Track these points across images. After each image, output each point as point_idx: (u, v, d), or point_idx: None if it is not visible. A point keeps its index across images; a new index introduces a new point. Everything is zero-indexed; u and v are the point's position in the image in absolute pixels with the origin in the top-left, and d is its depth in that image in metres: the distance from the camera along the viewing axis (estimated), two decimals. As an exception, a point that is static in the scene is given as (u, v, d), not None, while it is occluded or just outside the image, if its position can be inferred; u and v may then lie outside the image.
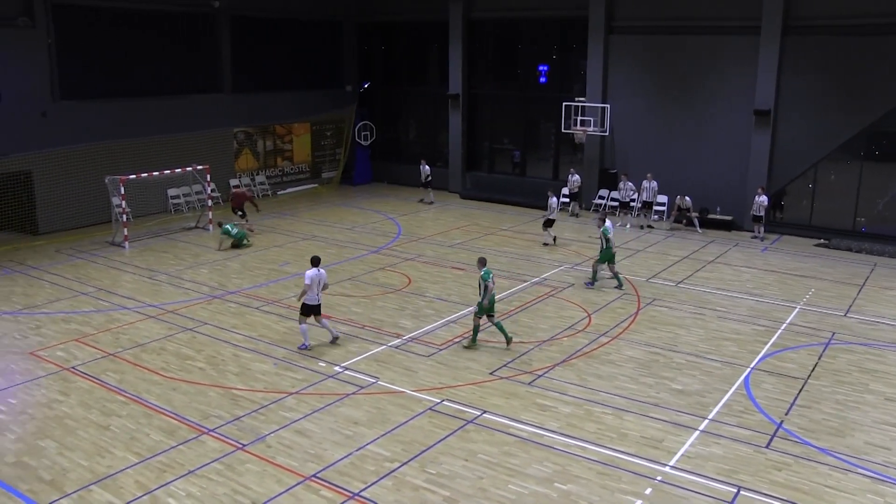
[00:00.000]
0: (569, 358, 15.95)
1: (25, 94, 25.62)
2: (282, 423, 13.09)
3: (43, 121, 26.19)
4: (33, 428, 13.05)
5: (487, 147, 35.07)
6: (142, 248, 24.74)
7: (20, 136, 25.58)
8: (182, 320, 18.15)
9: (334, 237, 26.33)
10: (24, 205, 26.21)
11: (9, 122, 25.21)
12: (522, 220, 29.21)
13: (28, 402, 14.01)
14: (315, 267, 16.22)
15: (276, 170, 35.00)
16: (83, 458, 12.05)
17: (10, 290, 20.51)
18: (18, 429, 13.03)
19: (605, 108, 29.77)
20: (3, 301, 19.64)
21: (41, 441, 12.59)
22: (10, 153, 25.40)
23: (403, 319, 18.15)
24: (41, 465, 11.88)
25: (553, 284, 20.99)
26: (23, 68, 25.58)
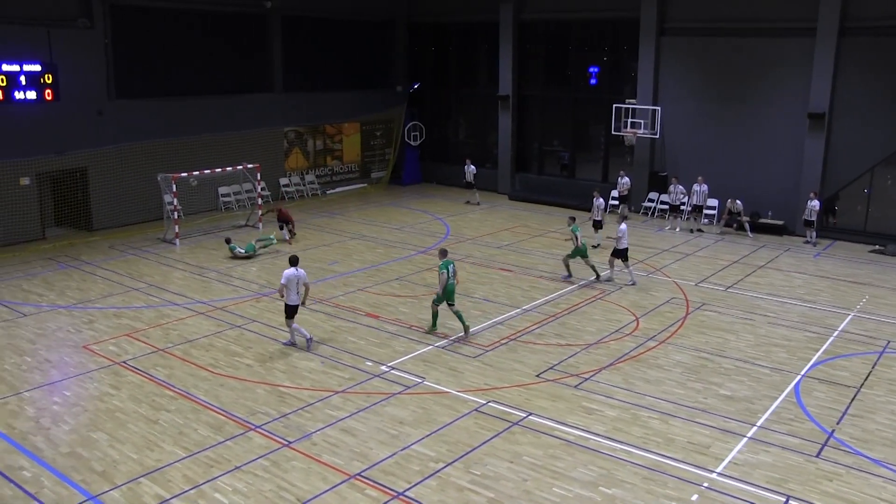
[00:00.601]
0: (616, 361, 15.82)
1: (83, 93, 26.15)
2: (328, 422, 13.17)
3: (98, 119, 26.71)
4: (86, 420, 13.31)
5: (537, 148, 34.94)
6: (192, 246, 25.08)
7: (77, 134, 26.13)
8: (231, 317, 18.36)
9: (383, 237, 26.44)
10: (79, 201, 26.77)
11: (67, 120, 25.76)
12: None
13: (81, 395, 14.29)
14: (293, 266, 16.17)
15: (325, 169, 35.25)
16: (133, 451, 12.25)
17: (66, 285, 20.94)
18: (72, 420, 13.30)
19: (656, 110, 29.48)
20: (59, 295, 20.06)
21: (93, 433, 12.83)
22: (68, 150, 25.96)
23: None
24: (93, 457, 12.10)
25: (601, 287, 20.83)
26: (81, 68, 26.10)
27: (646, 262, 23.38)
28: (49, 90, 24.76)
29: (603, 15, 31.44)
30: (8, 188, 24.75)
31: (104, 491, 11.18)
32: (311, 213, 30.43)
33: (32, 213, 25.57)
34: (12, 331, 17.54)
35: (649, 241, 26.18)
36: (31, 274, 22.02)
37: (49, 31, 25.16)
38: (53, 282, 21.26)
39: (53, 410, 13.67)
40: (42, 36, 25.03)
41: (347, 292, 20.25)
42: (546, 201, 32.48)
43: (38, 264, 23.03)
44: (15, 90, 24.19)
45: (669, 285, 21.13)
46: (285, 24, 32.59)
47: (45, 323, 18.04)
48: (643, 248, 25.14)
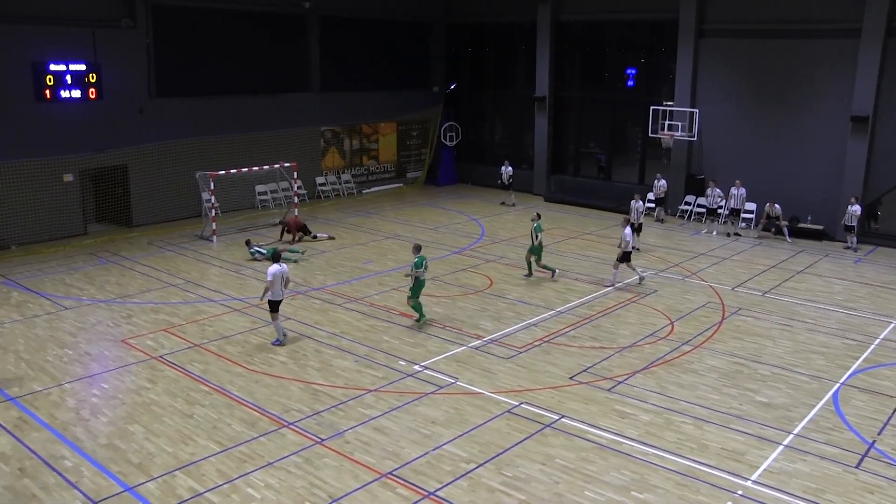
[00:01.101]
0: (650, 365, 15.71)
1: (124, 91, 26.50)
2: (360, 420, 13.22)
3: (139, 117, 27.05)
4: (123, 413, 13.48)
5: (573, 150, 34.80)
6: (229, 243, 25.30)
7: (118, 132, 26.48)
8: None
9: (417, 237, 26.45)
10: (119, 198, 27.12)
11: (109, 118, 26.13)
12: (607, 225, 28.88)
13: (119, 388, 14.48)
14: (277, 263, 16.44)
15: (361, 168, 35.39)
16: (168, 445, 12.39)
17: (105, 280, 21.23)
18: (110, 412, 13.48)
19: (694, 112, 29.22)
20: (99, 290, 20.34)
21: (130, 426, 12.99)
22: (109, 148, 26.32)
23: (484, 321, 18.13)
24: (130, 449, 12.26)
25: (636, 290, 20.69)
26: (123, 67, 26.45)
27: (681, 266, 23.19)
28: (93, 89, 25.21)
29: (641, 16, 31.24)
30: (52, 184, 25.15)
31: (140, 483, 11.32)
32: (346, 212, 30.56)
33: (75, 209, 25.96)
34: (55, 323, 17.83)
35: (686, 245, 25.96)
36: (73, 268, 22.36)
37: (94, 32, 25.56)
38: (94, 276, 21.57)
39: (93, 402, 13.88)
40: (87, 36, 25.42)
41: (382, 291, 20.31)
42: (582, 203, 32.34)
43: (79, 259, 23.38)
44: (61, 89, 24.67)
45: (705, 289, 20.94)
46: (323, 24, 32.76)
47: (85, 316, 18.31)
48: (679, 251, 24.93)
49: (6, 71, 23.85)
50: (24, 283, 20.94)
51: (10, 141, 24.10)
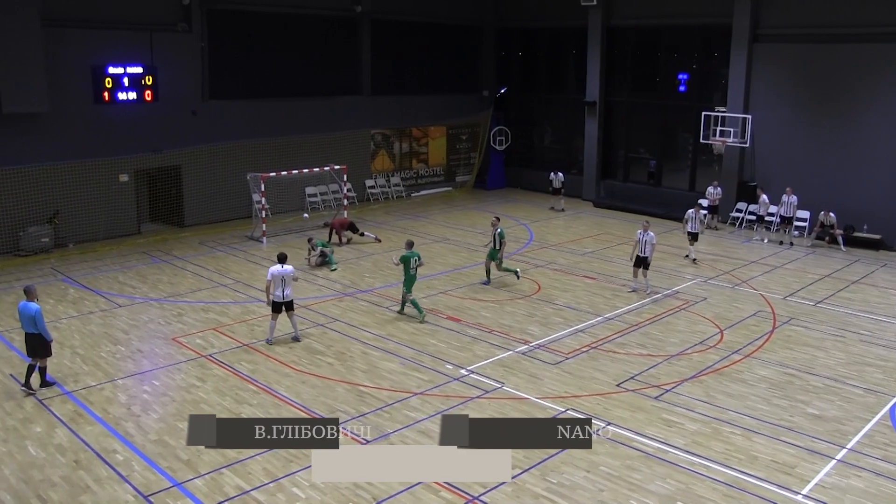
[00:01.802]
0: (698, 374, 15.52)
1: (179, 94, 26.95)
2: (405, 423, 13.24)
3: (193, 119, 27.49)
4: (173, 409, 13.69)
5: (623, 155, 34.55)
6: (279, 244, 25.53)
7: (172, 133, 26.94)
8: (314, 316, 18.65)
9: (466, 241, 26.49)
10: (172, 198, 27.59)
11: (163, 120, 26.59)
12: (656, 231, 28.49)
13: (169, 385, 14.71)
14: (280, 264, 16.56)
15: (410, 172, 35.52)
16: (217, 443, 12.54)
17: (158, 279, 21.59)
18: (160, 409, 13.70)
19: (747, 118, 28.80)
20: (151, 288, 20.70)
21: (180, 423, 13.18)
22: (164, 149, 26.78)
23: (531, 326, 18.08)
24: (179, 445, 12.44)
25: (685, 297, 20.47)
26: (178, 70, 26.92)
27: (731, 274, 22.88)
28: (149, 91, 25.67)
29: (693, 21, 30.89)
30: (108, 185, 25.66)
31: (188, 479, 11.48)
32: (395, 215, 30.69)
33: (130, 208, 26.47)
34: (109, 321, 18.18)
35: (736, 252, 25.60)
36: (126, 267, 22.78)
37: (151, 36, 26.05)
38: (147, 275, 21.95)
39: (144, 398, 14.12)
40: (145, 40, 25.92)
41: (429, 294, 20.36)
42: (631, 209, 32.06)
43: (133, 258, 23.82)
44: (119, 91, 25.18)
45: (756, 298, 20.63)
46: (374, 27, 32.96)
47: (137, 314, 18.64)
48: (729, 259, 24.59)
49: (68, 74, 24.42)
50: (81, 280, 21.39)
51: (70, 142, 24.66)
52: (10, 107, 22.95)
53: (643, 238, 20.70)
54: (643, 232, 20.72)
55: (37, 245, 23.92)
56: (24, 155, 23.73)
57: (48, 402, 13.96)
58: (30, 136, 23.89)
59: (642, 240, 20.70)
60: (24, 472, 11.72)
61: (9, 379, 14.86)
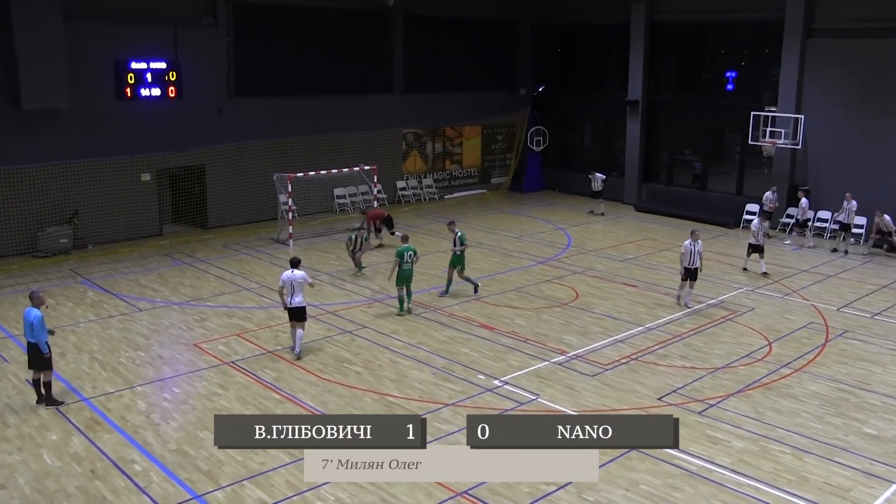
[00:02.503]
0: (745, 388, 15.31)
1: (204, 90, 27.16)
2: (436, 435, 13.15)
3: (218, 117, 27.70)
4: (193, 418, 13.73)
5: (666, 157, 34.28)
6: (305, 247, 25.63)
7: (196, 132, 27.16)
8: (341, 322, 18.66)
9: (501, 245, 26.42)
10: (196, 198, 27.78)
11: (187, 117, 26.82)
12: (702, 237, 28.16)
13: (190, 393, 14.77)
14: (291, 268, 16.30)
15: (444, 173, 35.52)
16: (237, 453, 12.54)
17: (179, 282, 21.74)
18: (180, 417, 13.76)
19: (799, 118, 28.42)
20: (173, 292, 20.84)
21: (200, 432, 13.22)
22: (187, 147, 26.99)
23: (569, 335, 17.96)
24: (199, 456, 12.47)
25: (731, 307, 20.23)
26: (203, 66, 27.12)
27: (781, 283, 22.58)
28: (172, 87, 25.87)
29: (743, 16, 30.57)
30: (130, 184, 25.91)
31: (208, 491, 11.49)
32: (427, 218, 30.68)
33: (152, 209, 26.71)
34: (128, 325, 18.32)
35: (787, 260, 25.26)
36: (147, 269, 22.97)
37: (176, 30, 26.28)
38: (168, 278, 22.11)
39: (163, 406, 14.18)
40: (169, 35, 26.16)
41: (462, 302, 20.30)
42: (675, 214, 31.79)
43: (154, 260, 24.01)
44: (141, 87, 25.40)
45: (807, 309, 20.33)
46: (407, 23, 33.03)
47: (158, 319, 18.77)
48: (779, 267, 24.26)
49: (89, 69, 24.68)
50: (100, 282, 21.60)
51: (91, 139, 24.94)
52: (31, 103, 23.21)
53: (693, 249, 20.10)
54: (692, 242, 20.21)
55: (55, 246, 24.20)
56: (42, 153, 24.04)
57: (64, 409, 14.07)
58: (50, 134, 24.19)
59: (692, 251, 20.09)
60: (38, 481, 11.81)
61: (24, 384, 15.00)
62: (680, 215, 31.58)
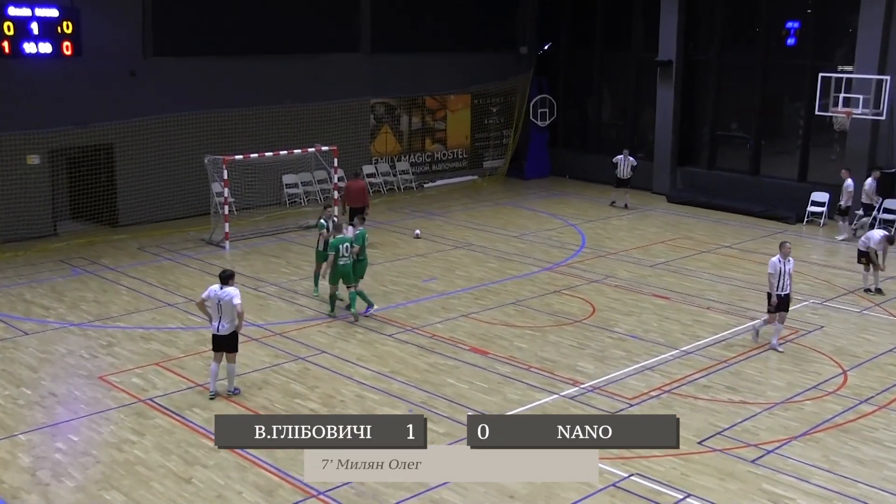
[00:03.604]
0: (812, 430, 15.25)
1: (112, 47, 26.94)
2: (415, 491, 13.05)
3: (131, 82, 27.49)
4: (97, 474, 13.53)
5: (707, 133, 34.35)
6: (246, 251, 25.51)
7: (102, 102, 26.95)
8: (293, 346, 18.53)
9: (496, 246, 26.37)
10: (102, 188, 27.56)
11: (91, 82, 26.60)
12: (754, 235, 28.40)
13: (93, 441, 14.55)
14: (220, 283, 15.64)
15: (423, 155, 35.49)
16: (156, 518, 12.40)
17: (80, 296, 21.55)
18: (78, 474, 13.54)
19: (884, 80, 28.39)
20: (70, 309, 20.63)
21: (106, 492, 13.02)
22: (90, 122, 26.76)
23: (583, 361, 17.89)
24: (104, 524, 12.29)
25: (793, 325, 20.20)
26: (112, 16, 26.95)
27: (858, 294, 22.59)
28: (68, 42, 25.43)
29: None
30: (13, 169, 25.62)
31: (116, 569, 11.31)
32: (402, 212, 30.62)
33: (42, 201, 26.48)
34: (9, 353, 18.07)
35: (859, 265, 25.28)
36: (36, 280, 22.76)
37: (71, -33, 26.08)
38: (64, 291, 21.91)
39: (55, 460, 13.95)
40: (62, -28, 25.91)
41: (447, 319, 20.25)
42: (718, 206, 31.85)
43: (45, 268, 23.81)
44: (24, 41, 24.80)
45: (892, 327, 20.34)
46: (376, -37, 33.04)
47: (51, 345, 18.55)
48: (854, 272, 24.25)
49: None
50: (-22, 297, 21.41)
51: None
52: None
53: (784, 269, 18.52)
54: (782, 260, 18.59)
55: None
56: None
57: (-70, 460, 13.85)
58: None
59: (783, 271, 18.51)
60: None
61: None
62: (725, 207, 31.62)
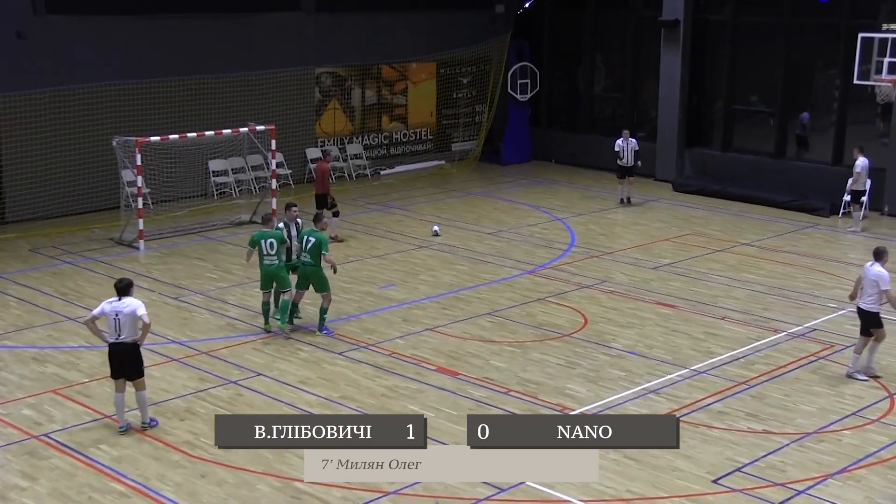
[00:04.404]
0: (852, 466, 15.28)
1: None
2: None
3: (17, 46, 27.31)
4: (-21, 528, 13.44)
5: (721, 108, 34.49)
6: (165, 252, 25.43)
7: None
8: (223, 368, 18.47)
9: (468, 245, 26.43)
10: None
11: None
12: (778, 230, 28.57)
13: (-24, 485, 14.44)
14: (118, 296, 15.49)
15: (380, 136, 35.43)
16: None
17: (-43, 309, 21.45)
18: (-43, 528, 13.44)
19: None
20: (-52, 325, 20.54)
21: (-8, 550, 12.92)
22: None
23: (573, 383, 17.92)
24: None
25: (825, 338, 20.29)
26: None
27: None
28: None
29: None
30: None
31: None
32: (355, 205, 30.59)
33: None
34: None
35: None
36: None
37: None
38: (-59, 303, 21.79)
39: (-73, 510, 13.85)
40: None
41: (409, 333, 20.26)
42: (734, 195, 32.01)
43: (-84, 275, 23.68)
44: None
45: (944, 340, 20.46)
46: None
47: (-78, 368, 18.45)
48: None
49: None
50: None
51: None
52: None
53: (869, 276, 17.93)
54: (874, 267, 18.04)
55: None
56: None
57: None
58: None
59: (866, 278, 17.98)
60: None
61: None
62: (743, 197, 31.76)
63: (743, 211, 30.81)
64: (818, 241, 27.12)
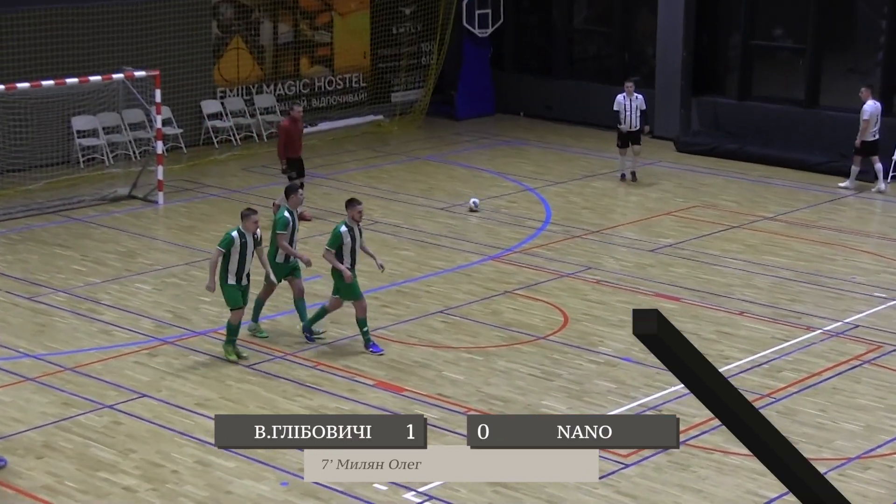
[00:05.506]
0: (906, 494, 15.50)
1: None
2: None
3: None
4: None
5: (737, 45, 34.65)
6: (15, 238, 25.41)
7: None
8: (94, 387, 18.42)
9: (413, 224, 26.58)
10: None
11: None
12: (810, 200, 28.81)
13: None
14: None
15: (298, 84, 35.42)
16: None
17: None
18: None
19: None
20: None
21: None
22: None
23: (550, 398, 18.04)
24: None
25: (868, 337, 20.48)
26: None
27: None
28: None
29: None
30: None
31: None
32: (266, 172, 30.63)
33: None
34: None
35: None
36: None
37: None
38: None
39: None
40: None
41: (340, 339, 20.37)
42: (754, 156, 32.15)
43: None
44: None
45: None
46: None
47: None
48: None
49: None
50: None
51: None
52: None
53: None
54: None
55: None
56: None
57: None
58: None
59: None
60: None
61: None
62: (765, 158, 31.92)
63: (765, 176, 30.98)
64: (861, 214, 27.35)
